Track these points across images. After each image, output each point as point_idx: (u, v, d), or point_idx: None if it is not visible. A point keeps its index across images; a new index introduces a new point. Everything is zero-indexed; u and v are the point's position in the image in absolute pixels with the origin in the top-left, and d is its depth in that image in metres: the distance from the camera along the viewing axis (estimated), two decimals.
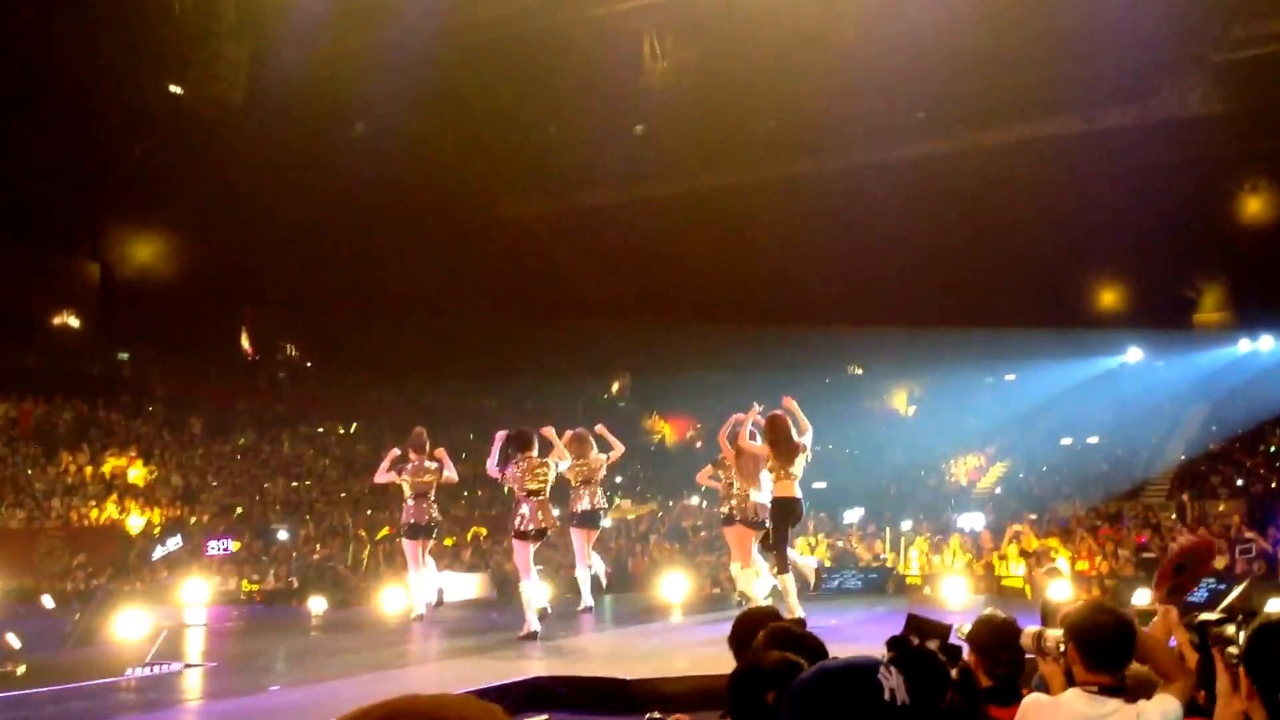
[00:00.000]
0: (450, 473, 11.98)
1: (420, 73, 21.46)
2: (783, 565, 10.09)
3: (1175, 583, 4.47)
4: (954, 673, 3.67)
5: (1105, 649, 3.64)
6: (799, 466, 10.14)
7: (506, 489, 10.66)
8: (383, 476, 11.99)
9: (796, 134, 24.58)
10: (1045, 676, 4.14)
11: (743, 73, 21.85)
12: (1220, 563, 15.42)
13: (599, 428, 11.99)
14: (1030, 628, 4.25)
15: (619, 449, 11.98)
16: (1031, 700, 3.85)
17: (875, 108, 22.74)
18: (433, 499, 11.88)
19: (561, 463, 10.70)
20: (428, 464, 11.82)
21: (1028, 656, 4.49)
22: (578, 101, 24.10)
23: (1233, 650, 2.55)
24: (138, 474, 23.82)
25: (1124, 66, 21.48)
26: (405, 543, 12.06)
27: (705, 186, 27.33)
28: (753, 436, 10.78)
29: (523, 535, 10.40)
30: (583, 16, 20.53)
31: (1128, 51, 20.97)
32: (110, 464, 23.63)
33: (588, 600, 12.00)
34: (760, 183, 26.91)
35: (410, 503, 11.84)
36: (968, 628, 4.47)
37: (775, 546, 10.13)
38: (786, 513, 10.18)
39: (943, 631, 3.43)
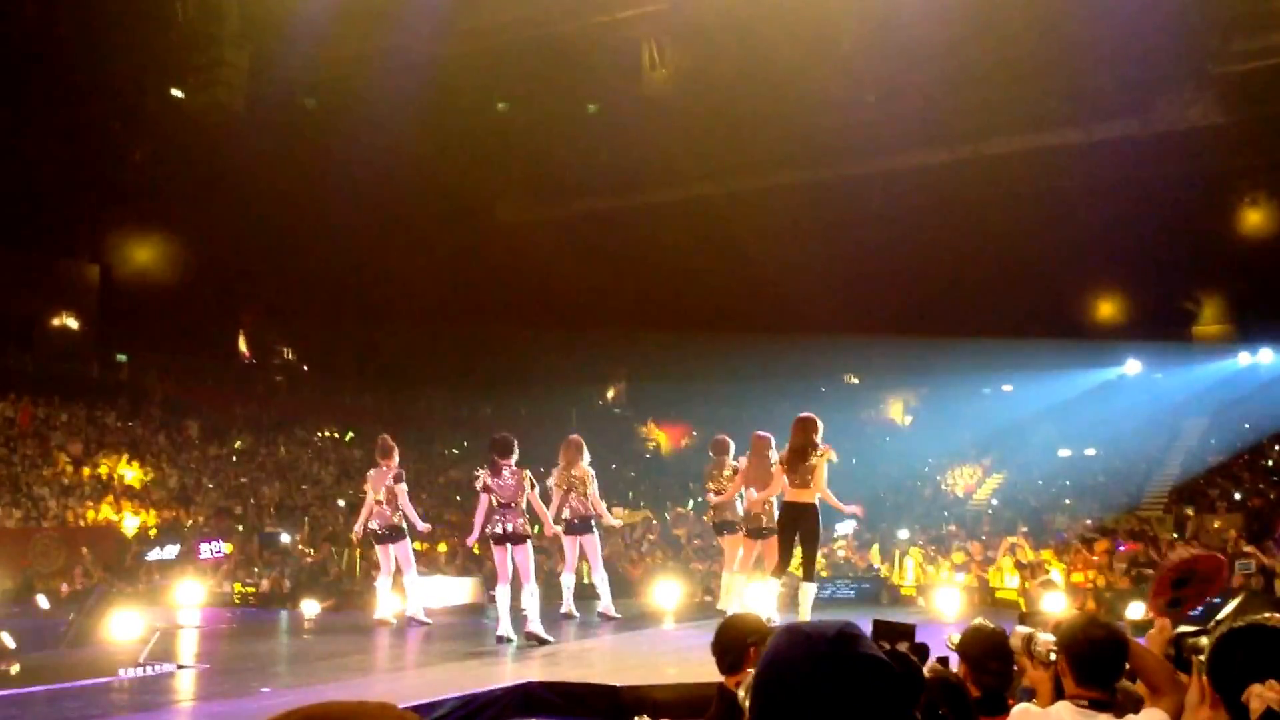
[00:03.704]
0: (411, 515, 11.98)
1: (420, 79, 21.49)
2: (810, 574, 10.16)
3: (1175, 596, 4.44)
4: (928, 672, 3.68)
5: (1098, 664, 3.64)
6: (819, 475, 10.03)
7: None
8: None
9: (795, 143, 24.61)
10: (1033, 682, 4.14)
11: (741, 81, 21.88)
12: None
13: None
14: (1021, 628, 4.25)
15: (605, 516, 12.13)
16: (1020, 711, 3.85)
17: (873, 118, 22.77)
18: (398, 504, 11.91)
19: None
20: (390, 481, 11.87)
21: (1016, 668, 4.49)
22: (577, 108, 24.14)
23: (1201, 659, 2.56)
24: (134, 476, 23.84)
25: (1123, 79, 21.51)
26: (376, 547, 12.21)
27: (703, 194, 27.36)
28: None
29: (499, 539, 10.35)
30: (583, 24, 20.55)
31: (1127, 64, 21.00)
32: (106, 465, 23.64)
33: (569, 606, 12.04)
34: (758, 191, 26.94)
35: (376, 508, 11.94)
36: (957, 637, 4.47)
37: (808, 553, 10.14)
38: (816, 520, 10.13)
39: (908, 632, 3.45)
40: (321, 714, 1.38)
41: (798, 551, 10.26)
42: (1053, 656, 3.86)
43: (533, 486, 10.31)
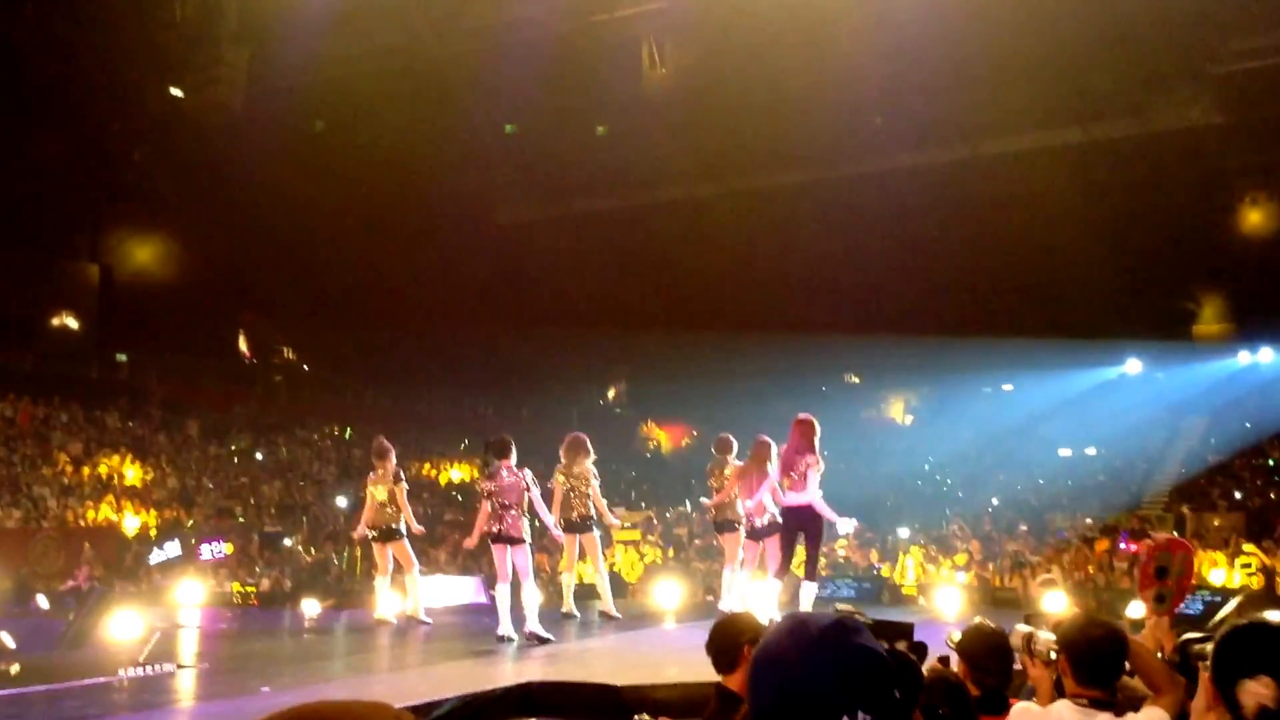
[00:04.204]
0: (409, 515, 11.99)
1: (419, 79, 21.49)
2: (812, 573, 10.20)
3: (1160, 590, 4.44)
4: (928, 671, 3.68)
5: (1097, 663, 3.64)
6: (809, 485, 10.09)
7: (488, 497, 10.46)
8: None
9: (794, 142, 24.59)
10: (1034, 680, 4.14)
11: (741, 80, 21.87)
12: (1218, 576, 15.48)
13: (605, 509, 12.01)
14: (1022, 627, 4.25)
15: (606, 515, 12.17)
16: (1021, 710, 3.86)
17: (872, 117, 22.76)
18: (399, 504, 11.91)
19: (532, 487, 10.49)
20: (390, 482, 11.88)
21: (1016, 668, 4.49)
22: (576, 108, 24.12)
23: (1206, 664, 2.55)
24: (134, 475, 23.83)
25: (1122, 78, 21.52)
26: (375, 546, 12.20)
27: (703, 193, 27.35)
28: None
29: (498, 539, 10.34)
30: (582, 23, 20.55)
31: (1126, 63, 21.01)
32: (107, 465, 23.64)
33: (569, 605, 12.03)
34: (758, 190, 26.92)
35: (378, 509, 11.94)
36: (957, 636, 4.46)
37: (810, 554, 10.17)
38: (818, 521, 10.17)
39: (906, 631, 3.45)
40: (314, 714, 1.37)
41: (799, 550, 10.28)
42: (1053, 655, 3.86)
43: (529, 488, 10.30)
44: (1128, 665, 3.77)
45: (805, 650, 1.72)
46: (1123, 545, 17.80)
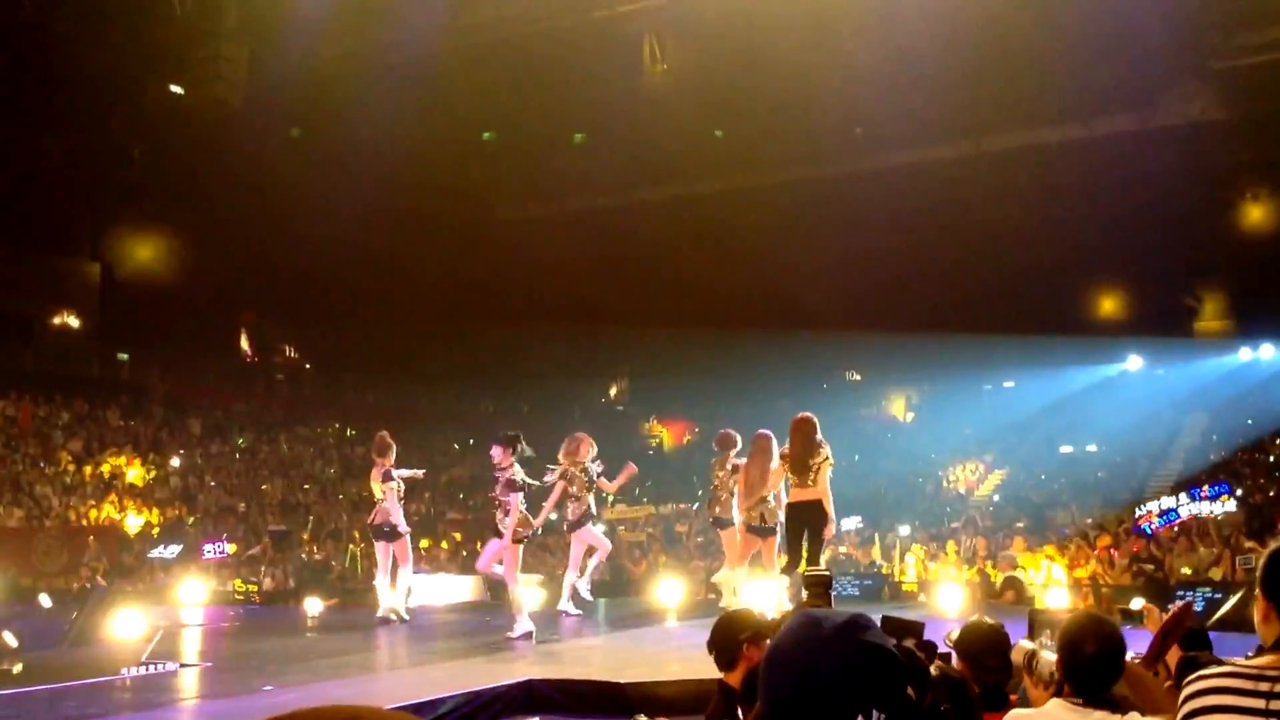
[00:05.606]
0: (396, 513, 11.99)
1: (419, 75, 21.46)
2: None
3: (1160, 649, 4.47)
4: (933, 669, 3.69)
5: (1090, 677, 3.62)
6: (822, 478, 10.15)
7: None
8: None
9: (796, 139, 24.59)
10: (1034, 701, 4.13)
11: (742, 77, 21.86)
12: (1218, 573, 15.49)
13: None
14: (1024, 643, 4.25)
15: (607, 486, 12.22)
16: (1013, 715, 3.84)
17: (874, 114, 22.73)
18: (396, 503, 11.94)
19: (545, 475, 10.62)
20: (381, 479, 11.91)
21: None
22: (576, 104, 24.11)
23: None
24: (136, 474, 23.84)
25: (1125, 74, 21.48)
26: (376, 544, 12.24)
27: (705, 191, 27.34)
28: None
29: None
30: (582, 19, 20.52)
31: (1129, 59, 20.97)
32: (109, 464, 23.65)
33: (565, 603, 12.05)
34: (760, 188, 26.92)
35: (378, 505, 11.97)
36: (956, 634, 4.47)
37: (814, 551, 10.19)
38: (822, 517, 10.21)
39: (917, 629, 3.46)
40: (315, 718, 1.37)
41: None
42: (1054, 675, 3.84)
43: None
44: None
45: (819, 648, 1.73)
46: (1143, 529, 17.60)
